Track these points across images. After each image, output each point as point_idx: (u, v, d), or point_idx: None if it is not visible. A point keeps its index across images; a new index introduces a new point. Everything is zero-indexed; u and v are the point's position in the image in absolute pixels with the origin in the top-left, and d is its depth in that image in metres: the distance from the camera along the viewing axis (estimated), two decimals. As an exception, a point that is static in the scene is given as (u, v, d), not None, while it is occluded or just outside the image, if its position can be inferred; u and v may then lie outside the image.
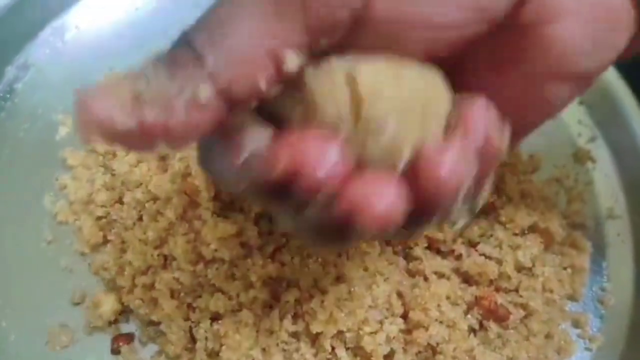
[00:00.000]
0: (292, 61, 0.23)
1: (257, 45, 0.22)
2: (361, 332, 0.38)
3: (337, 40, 0.24)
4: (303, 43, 0.23)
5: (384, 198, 0.23)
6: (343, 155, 0.23)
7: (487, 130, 0.25)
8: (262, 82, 0.22)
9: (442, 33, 0.26)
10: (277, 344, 0.39)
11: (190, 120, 0.22)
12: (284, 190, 0.23)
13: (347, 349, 0.39)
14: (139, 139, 0.22)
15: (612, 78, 0.50)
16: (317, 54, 0.24)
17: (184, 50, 0.22)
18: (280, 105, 0.25)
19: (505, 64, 0.29)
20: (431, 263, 0.42)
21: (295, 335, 0.39)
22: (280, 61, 0.22)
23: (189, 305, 0.40)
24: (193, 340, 0.40)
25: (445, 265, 0.43)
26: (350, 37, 0.24)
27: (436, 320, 0.40)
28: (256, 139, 0.24)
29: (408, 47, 0.25)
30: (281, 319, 0.39)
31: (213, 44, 0.22)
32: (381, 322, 0.39)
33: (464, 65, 0.28)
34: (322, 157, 0.22)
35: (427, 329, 0.39)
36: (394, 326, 0.39)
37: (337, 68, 0.24)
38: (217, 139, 0.25)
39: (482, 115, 0.25)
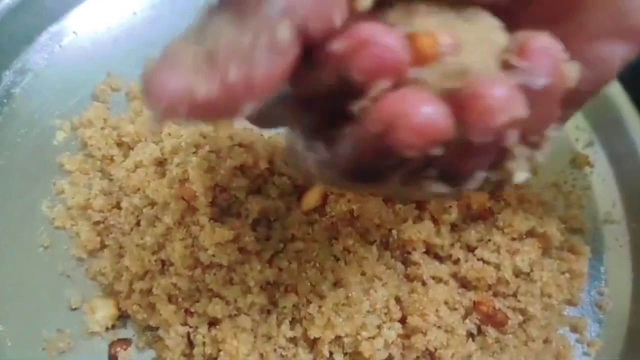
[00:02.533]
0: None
1: None
2: (359, 337, 0.38)
3: None
4: None
5: (424, 108, 0.20)
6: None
7: (551, 63, 0.23)
8: (337, 17, 0.20)
9: None
10: (275, 350, 0.39)
11: (274, 69, 0.19)
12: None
13: (345, 354, 0.39)
14: (224, 103, 0.19)
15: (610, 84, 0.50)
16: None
17: None
18: None
19: (561, 17, 0.27)
20: (429, 268, 0.42)
21: (293, 340, 0.39)
22: None
23: (187, 311, 0.40)
24: (191, 345, 0.40)
25: (443, 270, 0.43)
26: None
27: (434, 325, 0.40)
28: None
29: None
30: (279, 324, 0.39)
31: None
32: (379, 327, 0.39)
33: (520, 18, 0.26)
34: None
35: (425, 334, 0.39)
36: (392, 331, 0.39)
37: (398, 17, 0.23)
38: None
39: (545, 44, 0.23)
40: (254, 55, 0.19)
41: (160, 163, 0.45)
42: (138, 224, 0.43)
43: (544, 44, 0.22)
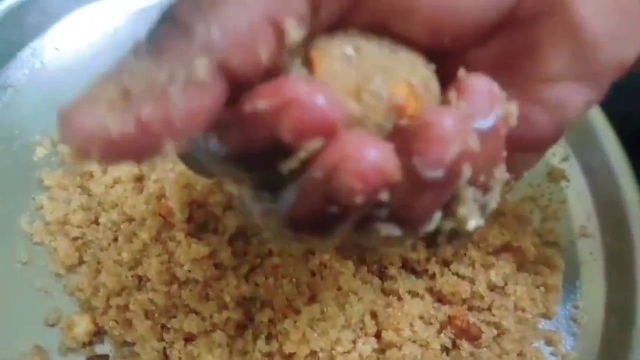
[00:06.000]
0: (295, 31, 0.20)
1: (255, 9, 0.19)
2: (334, 352, 0.39)
3: (337, 16, 0.22)
4: (304, 13, 0.20)
5: (372, 151, 0.19)
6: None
7: (492, 103, 0.22)
8: (264, 53, 0.19)
9: (451, 16, 0.24)
10: (251, 365, 0.39)
11: (192, 107, 0.18)
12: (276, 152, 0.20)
13: (320, 369, 0.39)
14: (141, 141, 0.18)
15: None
16: (315, 31, 0.22)
17: (168, 27, 0.19)
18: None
19: (517, 60, 0.26)
20: (405, 282, 0.43)
21: (269, 355, 0.40)
22: (282, 30, 0.19)
23: (163, 327, 0.40)
24: (167, 361, 0.40)
25: (419, 284, 0.43)
26: (350, 13, 0.23)
27: (409, 340, 0.40)
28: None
29: (413, 27, 0.24)
30: (255, 339, 0.40)
31: (202, 12, 0.19)
32: (354, 342, 0.40)
33: (469, 64, 0.25)
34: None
35: (400, 348, 0.40)
36: (367, 346, 0.39)
37: (335, 44, 0.22)
38: None
39: (484, 85, 0.22)
40: (170, 93, 0.18)
41: (139, 179, 0.45)
42: (116, 239, 0.43)
43: (481, 83, 0.22)
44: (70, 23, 0.54)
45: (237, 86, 0.19)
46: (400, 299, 0.42)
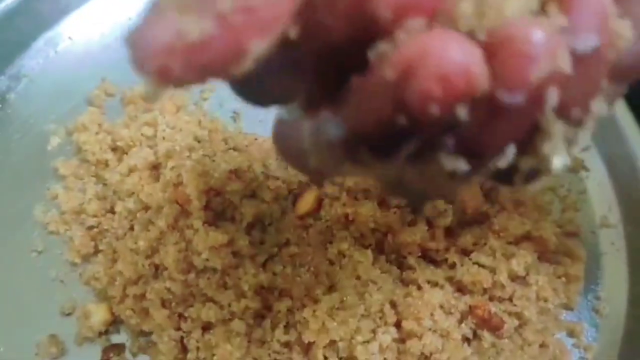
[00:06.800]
0: None
1: None
2: (354, 342, 0.38)
3: None
4: None
5: (452, 49, 0.16)
6: None
7: (598, 19, 0.19)
8: None
9: None
10: (269, 354, 0.39)
11: None
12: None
13: (339, 358, 0.39)
14: (225, 42, 0.16)
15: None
16: None
17: None
18: None
19: None
20: (425, 272, 0.42)
21: (287, 345, 0.39)
22: None
23: (180, 315, 0.40)
24: (184, 350, 0.40)
25: (438, 274, 0.42)
26: None
27: (429, 329, 0.39)
28: None
29: None
30: (273, 328, 0.39)
31: None
32: (374, 332, 0.39)
33: None
34: None
35: (420, 338, 0.39)
36: (387, 335, 0.39)
37: None
38: None
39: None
40: None
41: (155, 167, 0.45)
42: (132, 228, 0.43)
43: None
44: (83, 12, 0.54)
45: None
46: (419, 288, 0.41)
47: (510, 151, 0.19)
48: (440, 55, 0.16)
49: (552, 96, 0.18)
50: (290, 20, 0.16)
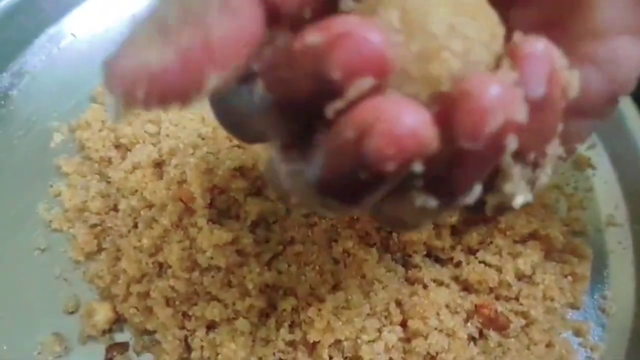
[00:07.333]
0: None
1: None
2: (359, 341, 0.38)
3: None
4: None
5: (409, 115, 0.17)
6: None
7: (547, 71, 0.20)
8: None
9: None
10: (274, 354, 0.38)
11: (233, 31, 0.18)
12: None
13: (344, 358, 0.38)
14: (184, 74, 0.17)
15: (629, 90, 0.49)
16: None
17: None
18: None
19: (565, 16, 0.25)
20: (430, 271, 0.42)
21: (292, 344, 0.39)
22: None
23: (184, 314, 0.40)
24: (188, 349, 0.40)
25: (444, 273, 0.42)
26: None
27: (435, 328, 0.39)
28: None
29: None
30: (278, 327, 0.39)
31: None
32: (379, 331, 0.39)
33: (514, 21, 0.23)
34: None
35: (426, 337, 0.39)
36: (393, 335, 0.39)
37: None
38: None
39: (540, 49, 0.20)
40: (206, 17, 0.17)
41: (158, 164, 0.44)
42: (135, 226, 0.42)
43: (538, 49, 0.20)
44: (86, 9, 0.54)
45: (276, 15, 0.19)
46: (425, 287, 0.41)
47: (477, 189, 0.21)
48: (391, 119, 0.17)
49: (512, 142, 0.19)
50: (248, 60, 0.18)
